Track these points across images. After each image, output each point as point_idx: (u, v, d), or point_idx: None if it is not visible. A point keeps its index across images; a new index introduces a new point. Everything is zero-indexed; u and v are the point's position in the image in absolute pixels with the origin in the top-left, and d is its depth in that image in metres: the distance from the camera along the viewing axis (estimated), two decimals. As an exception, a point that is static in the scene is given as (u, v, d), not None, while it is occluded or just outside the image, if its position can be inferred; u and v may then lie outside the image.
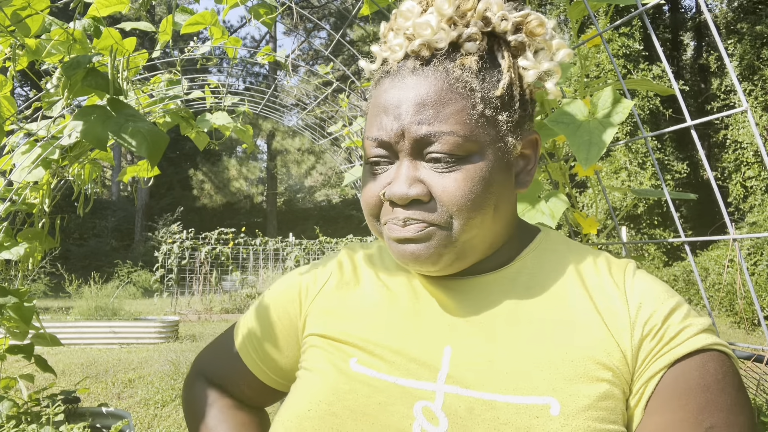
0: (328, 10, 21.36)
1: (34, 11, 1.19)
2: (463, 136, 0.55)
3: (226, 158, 20.80)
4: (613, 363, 0.52)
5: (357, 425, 0.54)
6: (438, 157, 0.55)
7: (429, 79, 0.56)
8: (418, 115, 0.55)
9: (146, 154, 1.08)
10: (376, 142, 0.58)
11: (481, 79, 0.56)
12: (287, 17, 16.77)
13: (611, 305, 0.56)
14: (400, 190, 0.56)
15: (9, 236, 1.65)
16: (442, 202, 0.55)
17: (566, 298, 0.58)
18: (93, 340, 6.49)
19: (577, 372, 0.52)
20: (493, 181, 0.56)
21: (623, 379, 0.52)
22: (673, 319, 0.54)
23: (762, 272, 8.31)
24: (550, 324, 0.56)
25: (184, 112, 2.12)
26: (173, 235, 10.22)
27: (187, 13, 1.70)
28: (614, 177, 11.25)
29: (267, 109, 3.62)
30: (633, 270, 0.59)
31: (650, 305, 0.55)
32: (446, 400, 0.53)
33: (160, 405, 4.06)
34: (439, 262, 0.57)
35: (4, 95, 1.46)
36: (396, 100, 0.57)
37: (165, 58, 2.14)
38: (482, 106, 0.56)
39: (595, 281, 0.59)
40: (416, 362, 0.57)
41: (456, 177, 0.55)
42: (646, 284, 0.57)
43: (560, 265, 0.61)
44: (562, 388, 0.51)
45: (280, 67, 2.73)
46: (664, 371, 0.52)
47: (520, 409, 0.51)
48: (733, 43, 11.55)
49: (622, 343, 0.53)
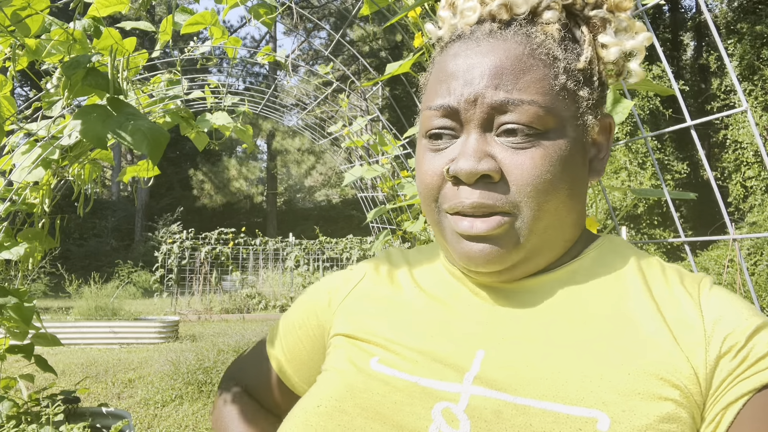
0: (328, 10, 21.35)
1: (34, 11, 1.19)
2: (545, 107, 0.49)
3: (226, 158, 20.80)
4: (680, 381, 0.45)
5: (367, 423, 0.49)
6: (514, 129, 0.49)
7: (508, 42, 0.50)
8: (494, 80, 0.49)
9: (147, 152, 1.07)
10: (441, 111, 0.51)
11: (563, 48, 0.51)
12: (287, 17, 16.77)
13: (683, 316, 0.48)
14: (467, 164, 0.49)
15: (9, 236, 1.65)
16: (516, 181, 0.49)
17: (627, 304, 0.51)
18: (93, 340, 6.49)
19: (635, 387, 0.45)
20: (571, 162, 0.50)
21: (693, 402, 0.45)
22: (761, 337, 0.46)
23: (762, 272, 8.31)
24: (606, 331, 0.49)
25: (184, 112, 2.12)
26: (173, 235, 10.22)
27: (187, 13, 1.70)
28: (614, 177, 11.25)
29: (267, 109, 3.62)
30: (710, 283, 0.52)
31: (731, 320, 0.47)
32: (471, 402, 0.47)
33: (160, 405, 4.06)
34: (507, 262, 0.51)
35: (4, 95, 1.46)
36: (468, 64, 0.50)
37: (165, 58, 2.14)
38: (565, 77, 0.50)
39: (664, 290, 0.51)
40: (442, 363, 0.51)
41: (533, 154, 0.49)
42: (727, 298, 0.50)
43: (624, 269, 0.54)
44: (614, 402, 0.44)
45: (280, 67, 2.73)
46: (749, 397, 0.44)
47: (560, 419, 0.44)
48: (733, 43, 11.55)
49: (694, 359, 0.46)
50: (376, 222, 3.78)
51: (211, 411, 0.78)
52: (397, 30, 9.73)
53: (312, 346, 0.67)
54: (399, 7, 1.48)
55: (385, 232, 2.63)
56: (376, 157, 2.86)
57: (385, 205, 2.29)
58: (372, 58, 18.97)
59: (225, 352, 4.58)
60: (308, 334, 0.67)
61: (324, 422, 0.50)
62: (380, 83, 3.14)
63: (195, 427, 3.61)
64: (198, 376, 4.32)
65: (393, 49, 18.90)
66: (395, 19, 1.25)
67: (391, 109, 15.75)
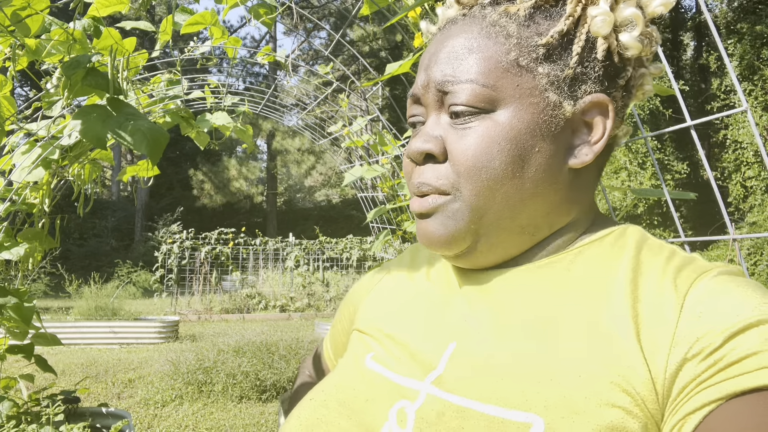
0: (328, 10, 21.35)
1: (34, 11, 1.19)
2: (483, 84, 0.48)
3: (226, 158, 20.80)
4: (632, 386, 0.40)
5: (339, 419, 0.50)
6: (457, 110, 0.49)
7: (464, 26, 0.51)
8: (442, 63, 0.50)
9: (146, 152, 1.08)
10: (411, 98, 0.54)
11: (525, 26, 0.49)
12: (287, 17, 16.77)
13: (656, 313, 0.42)
14: (414, 144, 0.51)
15: (9, 236, 1.65)
16: (454, 161, 0.49)
17: (604, 301, 0.46)
18: (93, 340, 6.49)
19: (581, 391, 0.40)
20: (520, 142, 0.47)
21: (646, 412, 0.39)
22: (744, 339, 0.37)
23: (762, 272, 8.31)
24: (572, 330, 0.45)
25: (184, 112, 2.12)
26: (173, 235, 10.22)
27: (187, 13, 1.70)
28: (614, 177, 11.26)
29: (267, 109, 3.62)
30: (716, 273, 0.44)
31: (714, 317, 0.39)
32: (425, 401, 0.47)
33: (160, 405, 4.06)
34: (453, 244, 0.50)
35: (4, 95, 1.46)
36: (430, 52, 0.53)
37: (165, 58, 2.14)
38: (516, 53, 0.48)
39: (653, 285, 0.45)
40: (415, 359, 0.52)
41: (473, 133, 0.48)
42: (727, 289, 0.41)
43: (616, 263, 0.48)
44: (555, 407, 0.40)
45: (280, 67, 2.73)
46: (714, 406, 0.36)
47: (493, 423, 0.42)
48: (733, 43, 11.55)
49: (653, 361, 0.40)
50: (376, 222, 3.78)
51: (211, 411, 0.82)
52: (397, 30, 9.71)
53: (347, 339, 0.69)
54: (399, 7, 1.48)
55: (385, 232, 2.63)
56: (376, 157, 2.86)
57: (385, 205, 2.29)
58: (372, 58, 18.97)
59: (225, 352, 4.58)
60: (344, 328, 0.71)
61: (308, 414, 0.53)
62: (380, 83, 3.14)
63: (195, 427, 3.61)
64: (198, 376, 4.32)
65: (393, 49, 18.90)
66: (395, 19, 1.25)
67: (391, 109, 15.75)
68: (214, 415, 3.80)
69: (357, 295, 0.70)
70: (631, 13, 0.48)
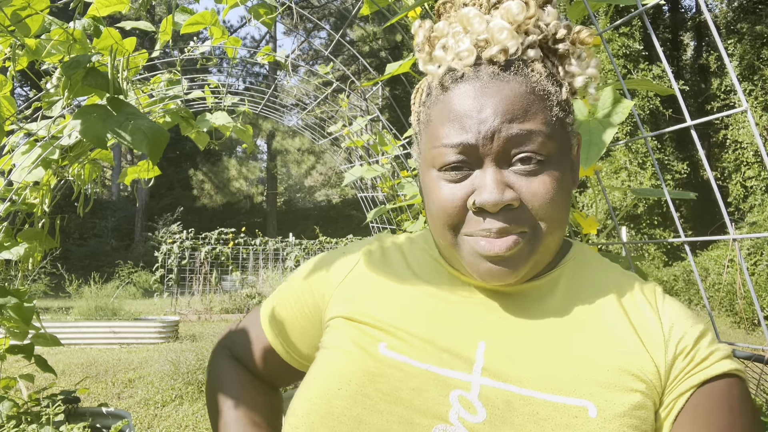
0: (328, 10, 21.35)
1: (34, 11, 1.19)
2: (548, 135, 0.56)
3: (226, 158, 20.80)
4: (646, 376, 0.55)
5: (391, 407, 0.55)
6: (527, 157, 0.55)
7: (512, 83, 0.57)
8: (507, 116, 0.55)
9: (147, 151, 1.08)
10: (458, 148, 0.57)
11: (551, 83, 0.59)
12: (287, 17, 16.77)
13: (646, 322, 0.59)
14: (492, 196, 0.55)
15: (9, 236, 1.65)
16: (533, 206, 0.56)
17: (602, 309, 0.60)
18: (93, 340, 6.49)
19: (613, 381, 0.54)
20: (566, 182, 0.59)
21: (655, 392, 0.55)
22: (703, 343, 0.57)
23: (762, 272, 8.31)
24: (587, 332, 0.58)
25: (184, 112, 2.12)
26: (173, 235, 10.22)
27: (187, 13, 1.70)
28: (614, 177, 11.26)
29: (267, 109, 3.62)
30: (662, 292, 0.63)
31: (682, 327, 0.58)
32: (482, 391, 0.54)
33: (160, 405, 4.06)
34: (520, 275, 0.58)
35: (4, 95, 1.46)
36: (480, 104, 0.56)
37: (165, 58, 2.14)
38: (557, 109, 0.58)
39: (630, 298, 0.62)
40: (449, 352, 0.57)
41: (543, 180, 0.56)
42: (677, 308, 0.61)
43: (596, 278, 0.64)
44: (598, 394, 0.53)
45: (280, 67, 2.73)
46: (694, 390, 0.55)
47: (559, 408, 0.52)
48: (733, 43, 11.55)
49: (657, 358, 0.56)
50: (376, 222, 3.78)
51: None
52: (397, 30, 9.70)
53: (306, 322, 0.71)
54: (399, 7, 1.48)
55: (385, 232, 2.62)
56: (376, 157, 2.86)
57: (385, 205, 2.29)
58: (372, 58, 18.97)
59: (225, 352, 4.58)
60: (303, 311, 0.71)
61: (349, 405, 0.55)
62: (380, 83, 3.14)
63: (195, 427, 3.62)
64: (198, 376, 4.32)
65: (393, 49, 18.90)
66: (395, 19, 1.25)
67: (391, 109, 15.75)
68: (214, 415, 3.80)
69: (324, 280, 0.71)
70: (593, 72, 0.61)
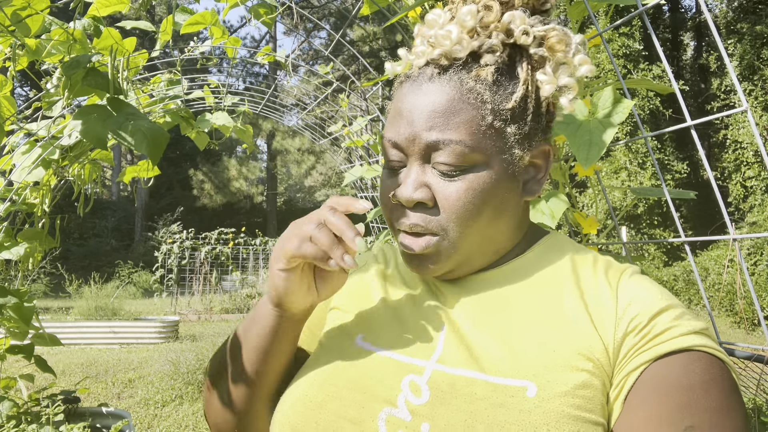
0: (328, 10, 21.34)
1: (34, 11, 1.19)
2: (470, 146, 0.57)
3: (226, 158, 20.79)
4: (594, 355, 0.54)
5: (351, 394, 0.58)
6: (445, 168, 0.58)
7: (444, 87, 0.58)
8: (428, 122, 0.58)
9: (147, 152, 1.08)
10: (390, 144, 0.62)
11: (494, 91, 0.58)
12: (287, 17, 16.77)
13: (600, 302, 0.58)
14: (406, 192, 0.59)
15: (9, 236, 1.65)
16: (444, 208, 0.59)
17: (559, 293, 0.61)
18: (93, 340, 6.50)
19: (557, 361, 0.54)
20: (494, 191, 0.59)
21: (603, 372, 0.54)
22: (661, 318, 0.55)
23: (762, 272, 8.31)
24: (541, 317, 0.59)
25: (184, 112, 2.12)
26: (173, 235, 10.22)
27: (187, 13, 1.70)
28: (614, 177, 11.26)
29: (267, 109, 3.62)
30: (631, 273, 0.61)
31: (639, 304, 0.56)
32: (432, 376, 0.57)
33: (160, 405, 4.06)
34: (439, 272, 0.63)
35: (4, 95, 1.46)
36: (411, 105, 0.60)
37: (165, 58, 2.14)
38: (491, 118, 0.58)
39: (590, 280, 0.61)
40: (413, 342, 0.62)
41: (458, 186, 0.58)
42: (641, 285, 0.59)
43: (558, 264, 0.64)
44: (541, 374, 0.54)
45: (280, 67, 2.73)
46: (646, 366, 0.52)
47: (498, 388, 0.54)
48: (733, 43, 11.55)
49: (606, 337, 0.55)
50: (376, 222, 3.78)
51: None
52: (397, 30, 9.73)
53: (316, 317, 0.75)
54: (399, 7, 1.48)
55: (385, 232, 2.63)
56: (376, 157, 2.86)
57: (385, 205, 2.29)
58: (372, 58, 18.97)
59: (225, 352, 4.58)
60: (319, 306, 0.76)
61: (316, 391, 0.60)
62: (380, 83, 3.14)
63: (195, 427, 3.62)
64: (198, 376, 4.32)
65: (393, 49, 18.90)
66: (395, 19, 1.25)
67: (391, 109, 15.72)
68: (214, 415, 3.80)
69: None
70: (568, 81, 0.60)
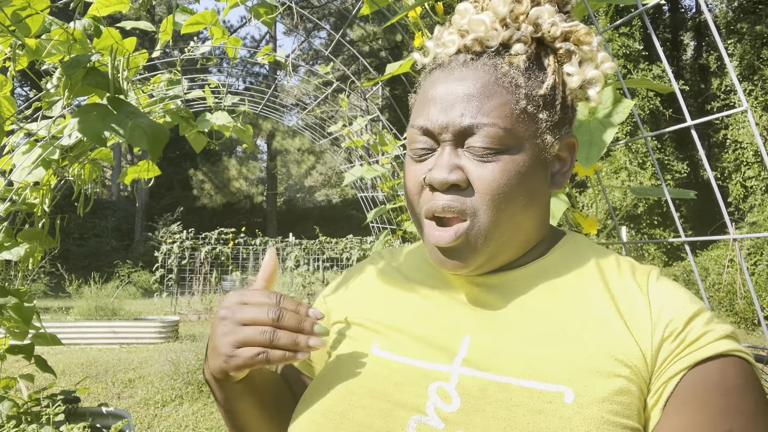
0: (328, 10, 21.34)
1: (34, 11, 1.19)
2: (503, 128, 0.57)
3: (226, 158, 20.79)
4: (631, 361, 0.54)
5: (373, 402, 0.57)
6: (480, 149, 0.58)
7: (477, 72, 0.59)
8: (463, 106, 0.58)
9: (147, 148, 1.08)
10: (421, 131, 0.61)
11: (527, 77, 0.59)
12: (287, 17, 16.77)
13: (633, 306, 0.57)
14: (440, 175, 0.58)
15: (9, 236, 1.64)
16: (478, 189, 0.58)
17: (588, 296, 0.60)
18: (93, 340, 6.49)
19: (594, 366, 0.53)
20: (528, 176, 0.59)
21: (641, 378, 0.53)
22: (695, 323, 0.55)
23: (762, 272, 8.31)
24: (571, 319, 0.58)
25: (184, 112, 2.12)
26: (173, 235, 10.21)
27: (187, 13, 1.70)
28: (614, 177, 11.26)
29: (267, 109, 3.62)
30: (657, 275, 0.61)
31: (672, 308, 0.56)
32: (461, 381, 0.56)
33: (160, 405, 4.06)
34: (472, 265, 0.61)
35: (4, 95, 1.46)
36: (444, 91, 0.60)
37: (165, 58, 2.14)
38: (525, 102, 0.58)
39: (618, 283, 0.60)
40: (435, 347, 0.60)
41: (493, 167, 0.58)
42: (670, 289, 0.59)
43: (584, 265, 0.63)
44: (578, 379, 0.53)
45: (280, 67, 2.73)
46: (684, 373, 0.52)
47: (534, 394, 0.52)
48: (733, 43, 11.55)
49: (642, 343, 0.55)
50: (376, 222, 3.78)
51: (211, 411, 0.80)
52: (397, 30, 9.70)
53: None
54: (399, 7, 1.48)
55: (385, 232, 2.63)
56: (376, 157, 2.86)
57: (385, 205, 2.29)
58: (372, 58, 18.97)
59: (225, 352, 4.58)
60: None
61: (335, 403, 0.59)
62: (380, 83, 3.14)
63: (195, 427, 3.61)
64: (198, 376, 4.32)
65: (393, 49, 18.90)
66: (395, 19, 1.25)
67: (391, 109, 15.75)
68: (214, 415, 3.80)
69: (333, 292, 0.78)
70: (595, 74, 0.62)
